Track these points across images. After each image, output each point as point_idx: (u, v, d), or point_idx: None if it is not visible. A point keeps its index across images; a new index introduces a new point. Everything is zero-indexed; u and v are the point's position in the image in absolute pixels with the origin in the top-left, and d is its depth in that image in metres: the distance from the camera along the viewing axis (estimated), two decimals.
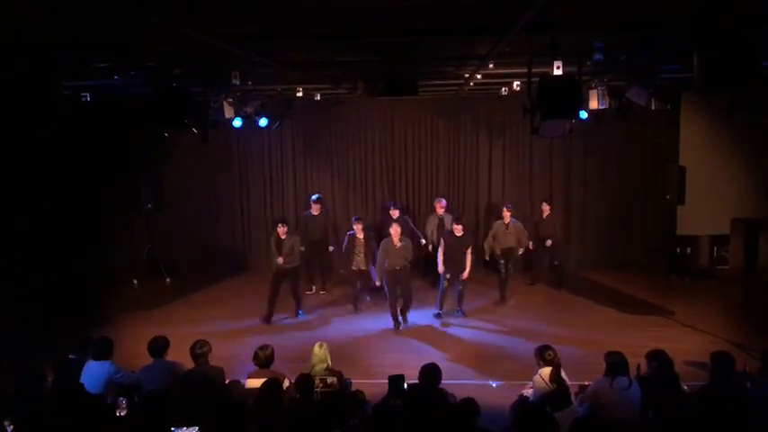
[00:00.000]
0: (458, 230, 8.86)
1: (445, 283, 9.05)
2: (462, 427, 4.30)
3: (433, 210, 10.60)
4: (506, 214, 9.87)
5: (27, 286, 9.56)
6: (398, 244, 8.60)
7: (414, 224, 10.96)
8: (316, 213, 10.40)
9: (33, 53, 5.78)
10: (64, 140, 10.20)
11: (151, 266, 11.55)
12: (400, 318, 8.87)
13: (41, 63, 5.99)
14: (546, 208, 10.56)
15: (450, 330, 8.88)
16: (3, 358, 6.94)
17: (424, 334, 8.74)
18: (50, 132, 9.11)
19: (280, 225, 9.25)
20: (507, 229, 9.87)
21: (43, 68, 6.04)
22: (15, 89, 5.94)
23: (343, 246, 9.63)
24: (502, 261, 9.81)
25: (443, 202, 10.57)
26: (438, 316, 9.21)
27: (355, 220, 9.59)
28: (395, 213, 10.06)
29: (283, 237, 9.18)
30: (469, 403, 4.46)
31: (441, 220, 10.29)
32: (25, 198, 10.06)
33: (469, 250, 8.98)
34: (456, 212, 10.70)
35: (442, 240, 9.11)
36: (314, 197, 10.59)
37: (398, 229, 8.63)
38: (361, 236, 9.33)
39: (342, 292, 10.50)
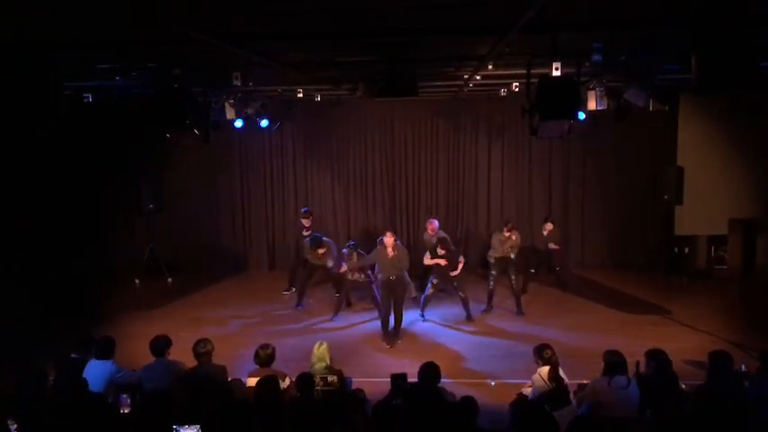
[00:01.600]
0: (440, 251, 8.84)
1: (431, 290, 9.03)
2: (461, 426, 4.32)
3: (425, 229, 10.29)
4: (507, 235, 9.40)
5: (27, 286, 9.57)
6: (391, 254, 8.29)
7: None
8: (307, 225, 10.40)
9: (33, 53, 5.79)
10: (65, 141, 10.23)
11: (152, 266, 11.58)
12: (392, 327, 8.46)
13: (41, 63, 6.01)
14: (548, 227, 10.36)
15: (450, 330, 8.90)
16: (3, 358, 6.95)
17: (423, 333, 8.76)
18: (51, 132, 9.13)
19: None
20: (506, 240, 9.42)
21: (43, 68, 6.06)
22: (15, 89, 5.96)
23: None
24: (493, 272, 9.53)
25: (435, 223, 10.14)
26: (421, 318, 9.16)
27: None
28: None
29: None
30: (469, 402, 4.48)
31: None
32: (26, 198, 10.08)
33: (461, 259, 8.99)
34: (444, 233, 10.14)
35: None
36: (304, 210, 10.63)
37: (392, 239, 8.32)
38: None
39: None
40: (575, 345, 7.94)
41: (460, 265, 8.99)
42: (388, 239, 8.32)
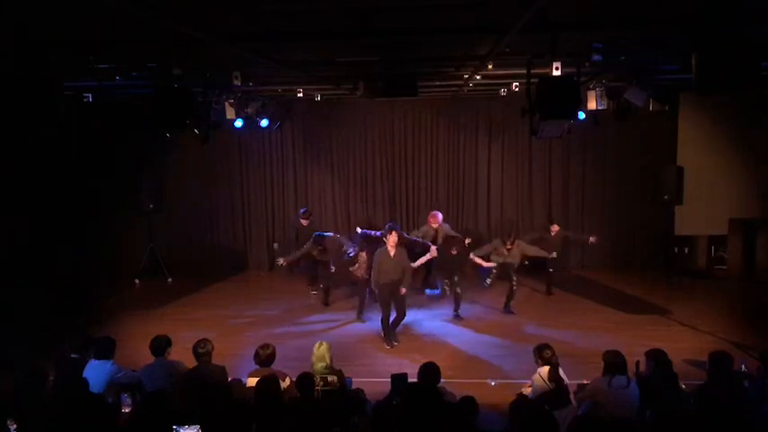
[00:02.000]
0: (455, 252, 8.88)
1: (446, 289, 9.03)
2: (461, 426, 4.31)
3: (427, 222, 10.30)
4: (508, 248, 9.29)
5: (27, 286, 9.57)
6: (394, 255, 8.17)
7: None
8: (305, 224, 10.45)
9: (33, 53, 5.79)
10: (65, 141, 10.24)
11: (152, 266, 11.58)
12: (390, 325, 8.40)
13: (41, 63, 6.00)
14: (555, 228, 10.26)
15: (450, 330, 8.90)
16: (3, 358, 6.95)
17: (423, 333, 8.76)
18: (55, 132, 9.14)
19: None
20: (508, 252, 9.33)
21: (43, 68, 6.06)
22: (15, 89, 5.96)
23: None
24: (494, 270, 9.53)
25: (439, 216, 10.20)
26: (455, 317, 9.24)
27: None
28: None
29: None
30: (468, 402, 4.48)
31: (436, 232, 10.03)
32: (26, 198, 10.09)
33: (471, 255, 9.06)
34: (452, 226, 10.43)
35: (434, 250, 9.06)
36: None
37: (395, 238, 8.22)
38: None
39: (342, 293, 10.51)
40: (575, 345, 7.94)
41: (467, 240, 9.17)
42: (392, 239, 8.20)
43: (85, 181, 11.28)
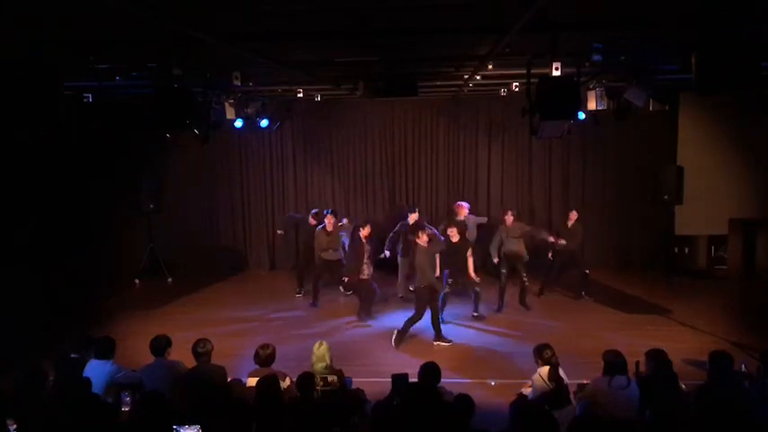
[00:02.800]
0: (453, 235, 8.72)
1: (447, 288, 8.98)
2: (456, 425, 4.31)
3: (455, 213, 10.28)
4: (508, 219, 9.50)
5: (27, 286, 9.57)
6: (429, 251, 8.19)
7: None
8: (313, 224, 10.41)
9: (33, 53, 5.79)
10: (65, 141, 10.23)
11: (152, 266, 11.58)
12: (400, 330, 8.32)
13: (41, 63, 6.01)
14: (573, 215, 10.14)
15: (451, 330, 8.88)
16: (4, 358, 6.95)
17: (424, 333, 8.75)
18: (55, 132, 9.15)
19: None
20: (508, 233, 9.48)
21: (43, 68, 6.06)
22: (15, 89, 5.96)
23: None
24: (503, 270, 9.53)
25: (466, 206, 10.20)
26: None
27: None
28: (413, 217, 9.77)
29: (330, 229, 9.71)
30: (463, 400, 4.47)
31: (464, 224, 9.87)
32: (26, 198, 10.08)
33: (470, 252, 8.86)
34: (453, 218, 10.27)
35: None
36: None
37: (426, 237, 8.17)
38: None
39: (340, 293, 10.51)
40: (575, 345, 7.93)
41: (471, 261, 8.88)
42: (424, 238, 8.12)
43: (85, 181, 11.28)
